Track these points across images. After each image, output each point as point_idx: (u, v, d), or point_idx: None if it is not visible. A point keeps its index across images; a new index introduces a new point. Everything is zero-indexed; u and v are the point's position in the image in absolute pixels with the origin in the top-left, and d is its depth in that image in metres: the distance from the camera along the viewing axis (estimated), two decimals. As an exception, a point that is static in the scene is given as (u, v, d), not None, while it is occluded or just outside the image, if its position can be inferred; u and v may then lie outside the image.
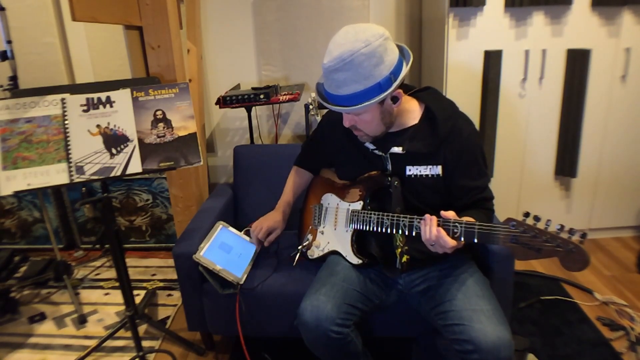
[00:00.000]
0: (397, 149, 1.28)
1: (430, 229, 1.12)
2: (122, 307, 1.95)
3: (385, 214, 1.27)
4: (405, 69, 1.16)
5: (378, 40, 1.10)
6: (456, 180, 1.28)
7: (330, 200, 1.49)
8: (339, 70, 1.11)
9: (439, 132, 1.25)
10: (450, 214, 1.13)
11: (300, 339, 1.30)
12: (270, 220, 1.59)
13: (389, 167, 1.32)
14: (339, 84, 1.13)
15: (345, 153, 1.41)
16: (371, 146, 1.33)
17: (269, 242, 1.61)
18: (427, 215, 1.15)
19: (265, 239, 1.59)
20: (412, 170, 1.29)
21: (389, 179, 1.30)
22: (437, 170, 1.27)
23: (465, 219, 1.12)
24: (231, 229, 1.71)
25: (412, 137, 1.28)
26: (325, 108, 1.24)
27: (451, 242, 1.10)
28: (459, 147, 1.26)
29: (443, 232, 1.11)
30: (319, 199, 1.56)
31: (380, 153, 1.32)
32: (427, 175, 1.28)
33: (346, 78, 1.11)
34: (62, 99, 1.44)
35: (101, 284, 2.29)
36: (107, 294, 2.20)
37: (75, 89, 1.47)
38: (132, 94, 1.51)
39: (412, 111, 1.30)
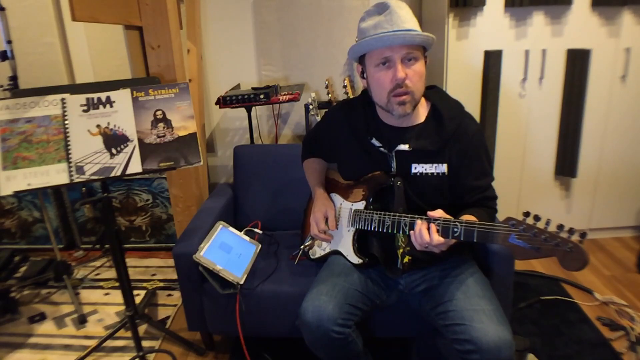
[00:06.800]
0: (403, 147, 1.28)
1: (421, 232, 1.13)
2: (122, 307, 1.94)
3: (387, 213, 1.27)
4: None
5: None
6: (460, 179, 1.28)
7: (334, 200, 1.49)
8: (401, 8, 1.18)
9: (445, 130, 1.25)
10: (438, 213, 1.13)
11: (301, 339, 1.30)
12: (321, 206, 1.46)
13: (394, 166, 1.32)
14: (404, 20, 1.17)
15: (350, 152, 1.41)
16: (377, 143, 1.32)
17: (333, 226, 1.43)
18: (418, 221, 1.15)
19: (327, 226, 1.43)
20: (417, 169, 1.29)
21: (392, 179, 1.30)
22: (443, 168, 1.27)
23: (466, 217, 1.12)
24: (231, 229, 1.71)
25: (419, 134, 1.28)
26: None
27: (437, 240, 1.10)
28: (465, 146, 1.26)
29: (438, 237, 1.11)
30: None
31: (386, 151, 1.32)
32: (432, 173, 1.28)
33: (408, 16, 1.18)
34: (62, 99, 1.44)
35: (101, 284, 2.29)
36: (107, 294, 2.20)
37: (75, 89, 1.47)
38: (132, 94, 1.51)
39: (419, 109, 1.30)
